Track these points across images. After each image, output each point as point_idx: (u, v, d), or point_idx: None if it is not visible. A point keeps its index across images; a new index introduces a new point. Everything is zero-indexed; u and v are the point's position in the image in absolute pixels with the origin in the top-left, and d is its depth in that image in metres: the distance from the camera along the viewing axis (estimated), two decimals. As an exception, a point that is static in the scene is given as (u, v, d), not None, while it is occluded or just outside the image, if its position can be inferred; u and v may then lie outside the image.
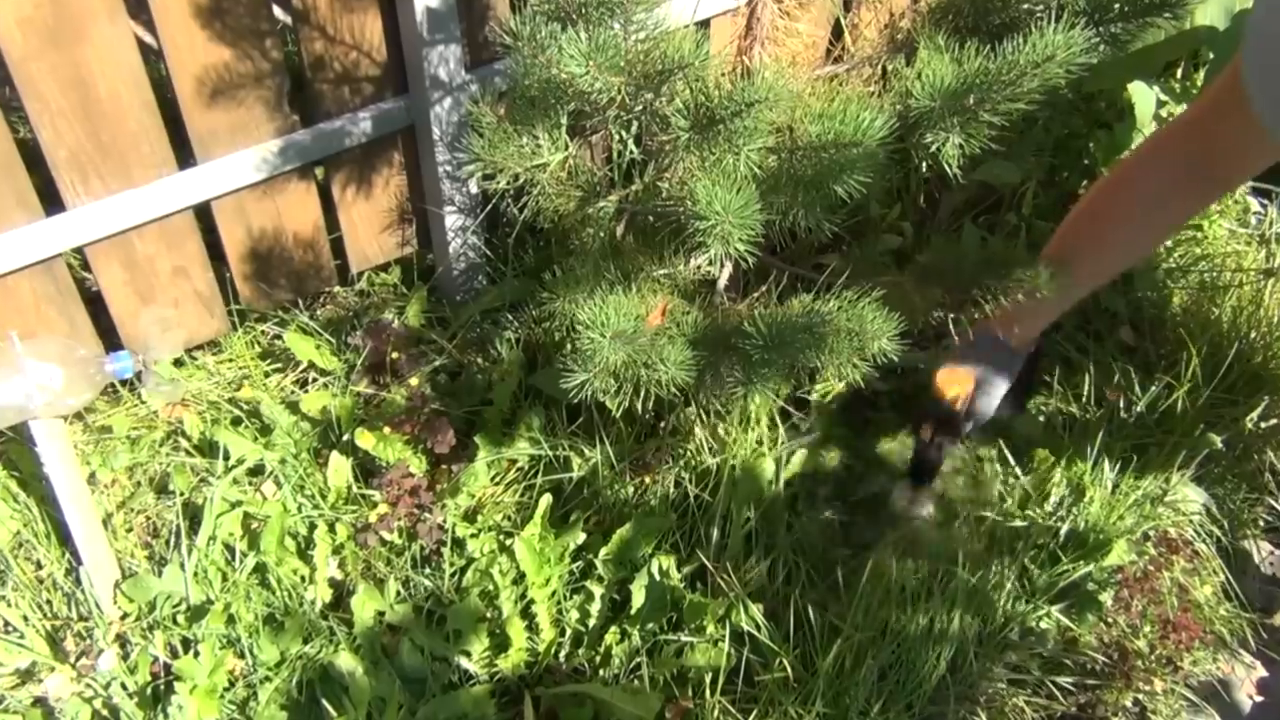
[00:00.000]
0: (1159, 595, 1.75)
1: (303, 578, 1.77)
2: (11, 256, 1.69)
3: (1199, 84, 2.26)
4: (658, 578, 1.69)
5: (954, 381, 1.71)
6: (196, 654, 1.66)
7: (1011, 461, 1.92)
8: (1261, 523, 1.98)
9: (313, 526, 1.80)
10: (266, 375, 2.04)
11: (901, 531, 1.82)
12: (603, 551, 1.72)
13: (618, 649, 1.66)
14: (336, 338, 2.04)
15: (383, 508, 1.79)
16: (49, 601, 1.78)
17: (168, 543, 1.81)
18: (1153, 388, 2.01)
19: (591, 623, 1.69)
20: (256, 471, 1.88)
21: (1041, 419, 2.02)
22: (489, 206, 2.07)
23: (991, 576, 1.73)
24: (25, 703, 1.67)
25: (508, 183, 1.41)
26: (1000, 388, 1.73)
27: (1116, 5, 1.29)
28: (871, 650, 1.63)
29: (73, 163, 1.67)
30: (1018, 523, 1.82)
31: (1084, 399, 2.01)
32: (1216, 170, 1.49)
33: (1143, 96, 2.13)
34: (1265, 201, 2.38)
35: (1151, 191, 1.54)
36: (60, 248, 1.74)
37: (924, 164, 2.20)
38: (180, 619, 1.72)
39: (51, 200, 1.71)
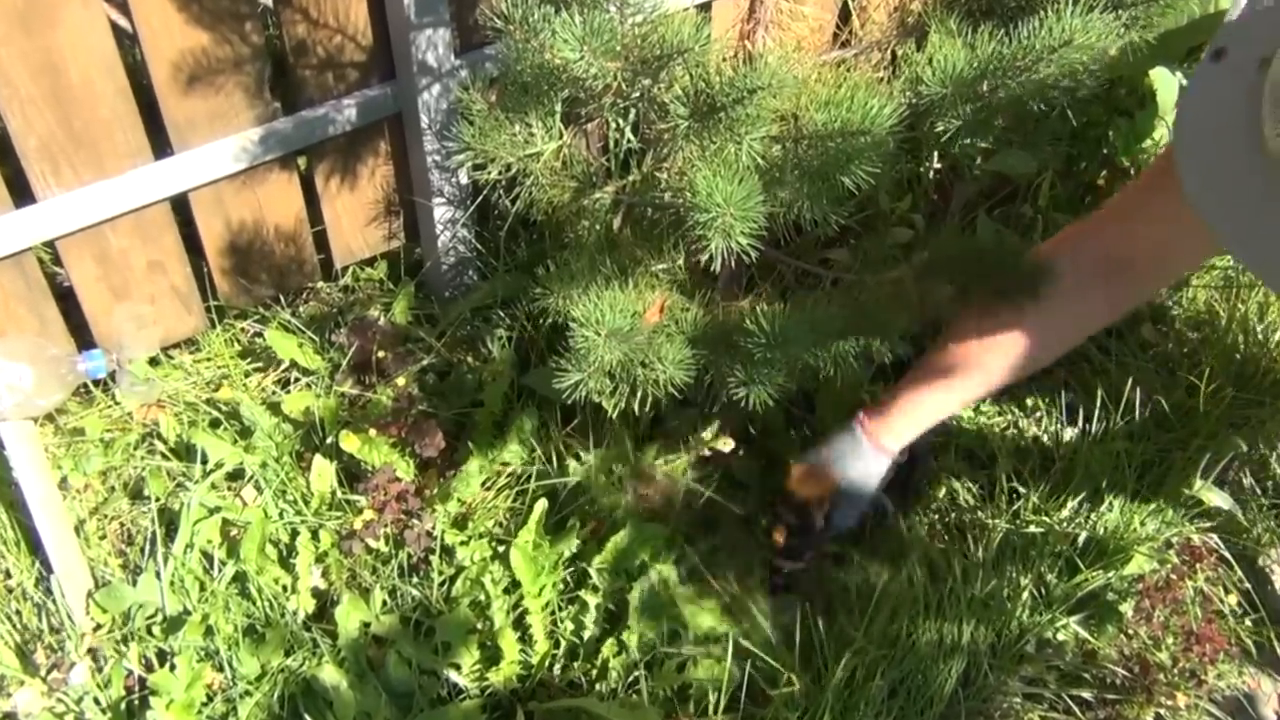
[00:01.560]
0: (1181, 605, 1.76)
1: (284, 587, 1.77)
2: (-21, 250, 1.69)
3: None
4: (658, 588, 1.69)
5: (811, 481, 1.59)
6: (173, 667, 1.66)
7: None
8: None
9: (295, 533, 1.80)
10: (246, 375, 2.04)
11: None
12: (597, 560, 1.72)
13: (615, 662, 1.66)
14: (320, 336, 2.04)
15: (368, 514, 1.79)
16: (18, 612, 1.77)
17: (143, 551, 1.81)
18: (1175, 388, 2.01)
19: (587, 634, 1.69)
20: (236, 476, 1.88)
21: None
22: (480, 198, 2.07)
23: (1006, 586, 1.74)
24: (-7, 718, 1.68)
25: (499, 173, 1.41)
26: (864, 497, 1.60)
27: (1138, -13, 1.29)
28: (882, 664, 1.63)
29: (43, 152, 1.67)
30: (1033, 529, 1.82)
31: (1103, 398, 2.01)
32: (1136, 265, 1.43)
33: (1165, 83, 2.13)
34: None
35: (1064, 291, 1.43)
36: (30, 241, 1.74)
37: (935, 154, 2.21)
38: (156, 630, 1.72)
39: (21, 192, 1.70)
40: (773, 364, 1.43)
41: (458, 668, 1.68)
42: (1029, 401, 2.06)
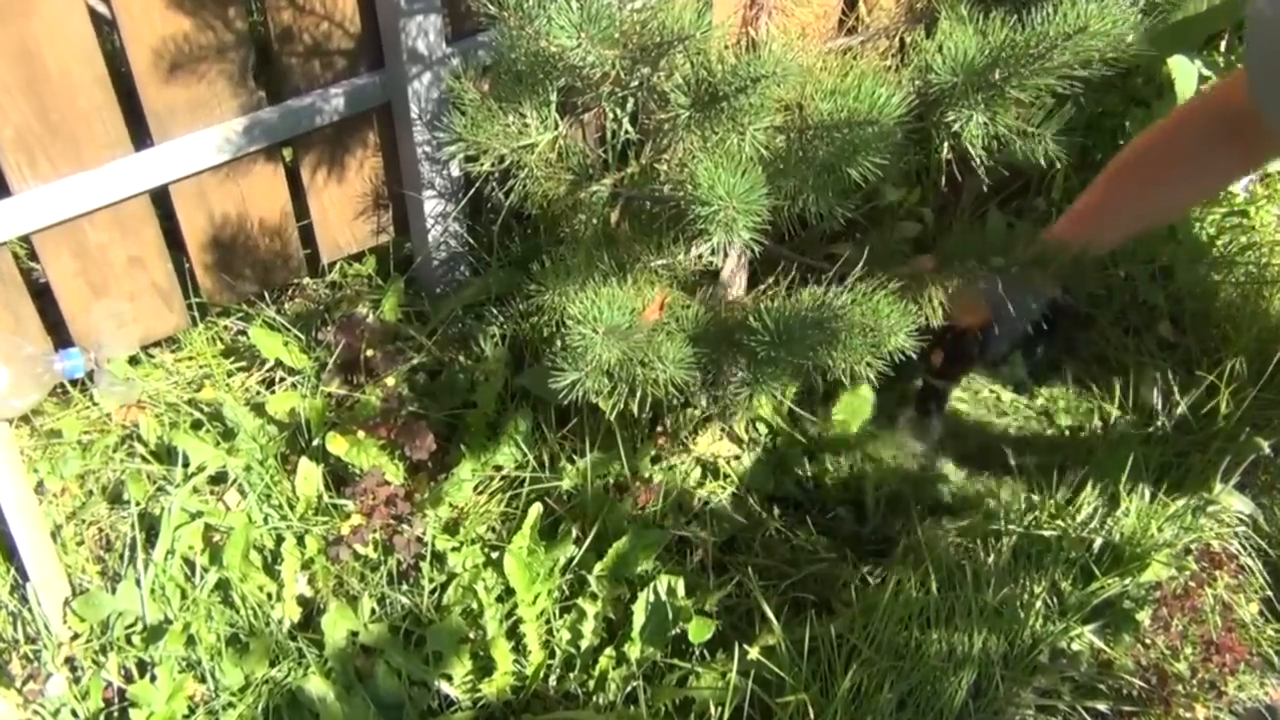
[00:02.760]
0: (1201, 614, 1.76)
1: (269, 595, 1.77)
2: (-49, 245, 1.69)
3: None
4: (663, 598, 1.69)
5: (970, 310, 1.73)
6: (153, 678, 1.66)
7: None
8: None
9: (280, 539, 1.80)
10: (229, 375, 2.04)
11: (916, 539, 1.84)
12: (597, 567, 1.72)
13: (614, 674, 1.66)
14: (306, 334, 2.04)
15: (356, 519, 1.79)
16: (-7, 621, 1.78)
17: (122, 557, 1.81)
18: (1195, 388, 2.01)
19: (584, 644, 1.69)
20: (219, 479, 1.88)
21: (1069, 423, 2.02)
22: (472, 191, 2.07)
23: (1019, 594, 1.74)
24: (-33, 731, 1.68)
25: (492, 165, 1.41)
26: (1017, 327, 1.77)
27: (1155, -29, 1.29)
28: (890, 675, 1.63)
29: (19, 143, 1.67)
30: (1047, 534, 1.82)
31: (1120, 399, 2.02)
32: (1253, 135, 1.53)
33: (1183, 71, 2.13)
34: (1318, 186, 2.39)
35: (1192, 147, 1.60)
36: (5, 235, 1.74)
37: (945, 145, 2.20)
38: (136, 640, 1.72)
39: (-5, 184, 1.71)
40: (778, 363, 1.43)
41: (449, 679, 1.68)
42: (1041, 401, 2.06)
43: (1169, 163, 1.63)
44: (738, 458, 1.93)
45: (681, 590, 1.69)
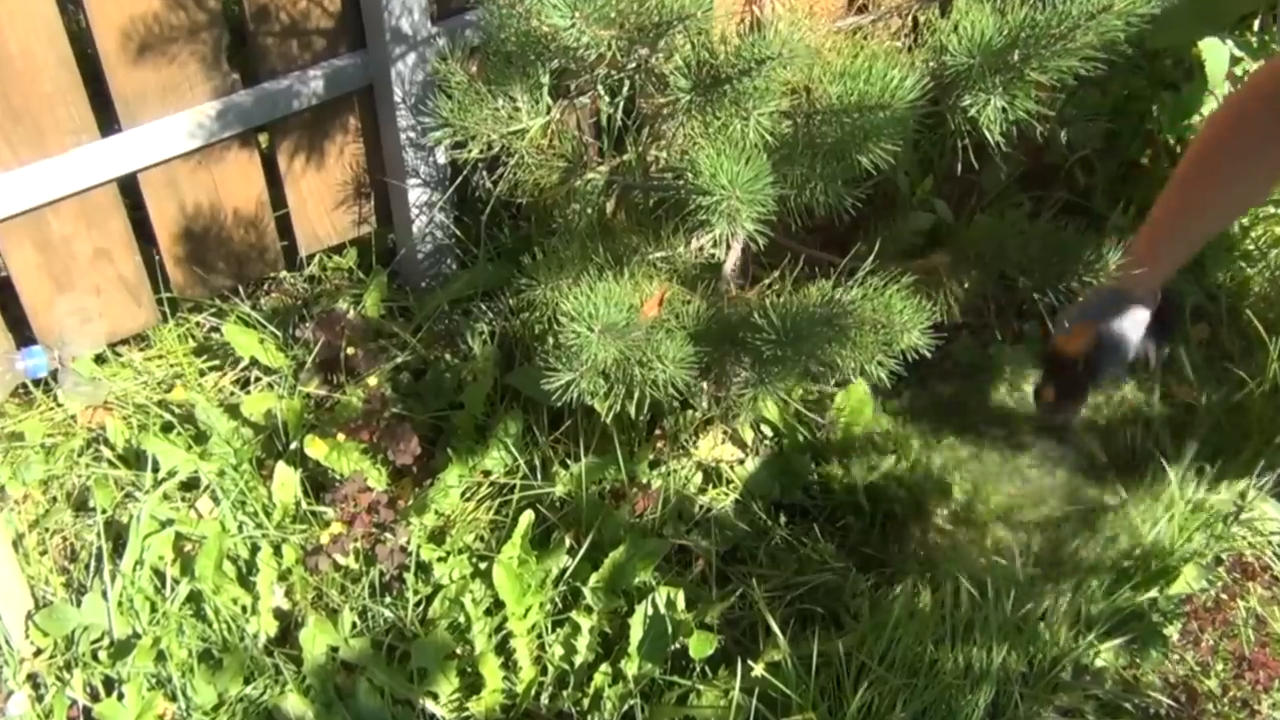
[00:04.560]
0: (1233, 628, 1.76)
1: (244, 608, 1.77)
2: (-94, 237, 1.69)
3: (1280, 38, 2.27)
4: (662, 611, 1.69)
5: (1071, 339, 1.78)
6: (121, 696, 1.67)
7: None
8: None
9: (255, 549, 1.80)
10: (202, 374, 2.04)
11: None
12: (593, 578, 1.73)
13: (610, 692, 1.67)
14: (283, 331, 2.04)
15: (336, 527, 1.79)
16: (-50, 636, 1.78)
17: (88, 568, 1.81)
18: (1226, 389, 2.01)
19: (578, 660, 1.70)
20: (190, 485, 1.89)
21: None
22: (459, 179, 2.07)
23: (1040, 606, 1.74)
24: (-77, 753, 1.68)
25: (480, 152, 1.41)
26: (1130, 337, 1.78)
27: (1184, -53, 1.30)
28: (903, 693, 1.63)
29: (-23, 128, 1.67)
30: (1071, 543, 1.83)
31: (1149, 399, 2.02)
32: None
33: (1214, 53, 2.13)
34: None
35: (1248, 145, 1.63)
36: (-37, 226, 1.74)
37: (961, 131, 2.20)
38: (102, 656, 1.73)
39: (-47, 171, 1.71)
40: (784, 362, 1.43)
41: (435, 697, 1.68)
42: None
43: (1240, 155, 1.65)
44: (741, 462, 1.93)
45: (681, 603, 1.70)
